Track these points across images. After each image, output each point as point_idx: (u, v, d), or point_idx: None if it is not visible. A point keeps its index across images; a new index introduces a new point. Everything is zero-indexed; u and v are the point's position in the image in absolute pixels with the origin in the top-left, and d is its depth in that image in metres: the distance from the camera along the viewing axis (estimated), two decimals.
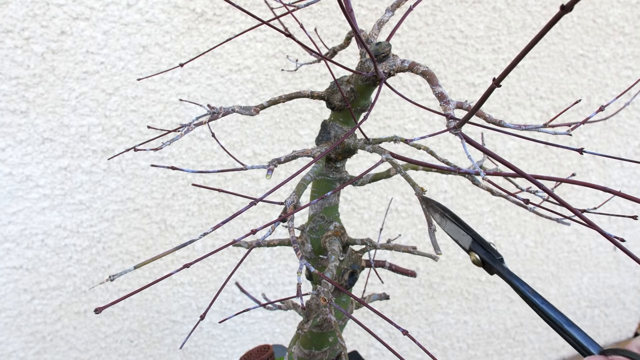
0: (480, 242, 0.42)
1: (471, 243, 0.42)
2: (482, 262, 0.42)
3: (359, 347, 1.42)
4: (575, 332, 0.36)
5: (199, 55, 0.65)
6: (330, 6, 1.06)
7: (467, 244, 0.43)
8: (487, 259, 0.41)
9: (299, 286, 0.41)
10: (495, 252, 0.42)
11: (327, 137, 0.57)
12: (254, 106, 0.53)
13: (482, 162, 0.68)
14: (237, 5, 0.41)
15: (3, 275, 1.06)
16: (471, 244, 0.42)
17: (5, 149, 0.98)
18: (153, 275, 1.15)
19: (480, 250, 0.42)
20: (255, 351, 0.74)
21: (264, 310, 1.28)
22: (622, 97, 1.33)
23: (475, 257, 0.42)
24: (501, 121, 0.45)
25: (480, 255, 0.42)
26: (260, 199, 0.41)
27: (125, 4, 0.95)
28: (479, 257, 0.42)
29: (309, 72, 1.10)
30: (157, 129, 0.65)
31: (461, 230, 0.43)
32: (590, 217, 1.34)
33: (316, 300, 0.60)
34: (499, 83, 0.32)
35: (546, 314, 0.37)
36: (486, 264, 0.42)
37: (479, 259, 0.42)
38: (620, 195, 0.39)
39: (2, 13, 0.90)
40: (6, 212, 1.02)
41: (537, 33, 0.27)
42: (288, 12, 0.47)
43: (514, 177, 0.52)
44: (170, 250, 0.38)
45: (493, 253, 0.41)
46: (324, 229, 0.60)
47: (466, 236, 0.43)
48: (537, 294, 0.38)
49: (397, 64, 0.49)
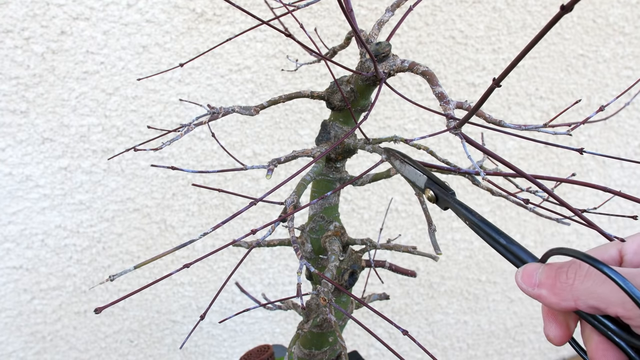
0: (435, 180, 0.45)
1: (426, 181, 0.46)
2: (436, 197, 0.45)
3: (359, 347, 1.42)
4: (516, 247, 0.39)
5: (199, 55, 0.65)
6: (330, 6, 1.06)
7: (422, 183, 0.46)
8: (440, 193, 0.44)
9: (299, 286, 0.41)
10: (447, 188, 0.45)
11: (327, 137, 0.57)
12: (254, 106, 0.53)
13: (482, 162, 0.68)
14: (237, 5, 0.41)
15: (3, 275, 1.06)
16: (426, 182, 0.46)
17: (5, 149, 0.98)
18: (153, 275, 1.15)
19: (435, 187, 0.45)
20: (255, 351, 0.74)
21: (264, 310, 1.29)
22: (622, 97, 1.33)
23: (430, 193, 0.45)
24: (501, 121, 0.45)
25: (434, 191, 0.45)
26: (260, 199, 0.41)
27: (125, 4, 0.95)
28: (434, 193, 0.45)
29: (309, 72, 1.10)
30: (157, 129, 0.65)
31: (418, 171, 0.46)
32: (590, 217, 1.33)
33: (316, 300, 0.60)
34: (499, 83, 0.32)
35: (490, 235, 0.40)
36: (439, 198, 0.45)
37: (433, 196, 0.45)
38: (620, 195, 0.39)
39: (2, 13, 0.90)
40: (6, 212, 1.02)
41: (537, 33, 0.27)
42: (288, 12, 0.47)
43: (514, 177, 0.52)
44: (170, 250, 0.38)
45: (446, 189, 0.45)
46: (324, 229, 0.61)
47: (422, 176, 0.46)
48: (483, 219, 0.41)
49: (397, 64, 0.49)
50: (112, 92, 1.00)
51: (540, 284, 0.35)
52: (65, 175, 1.03)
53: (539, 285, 0.36)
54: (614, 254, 0.37)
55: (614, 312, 0.32)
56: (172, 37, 0.99)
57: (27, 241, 1.05)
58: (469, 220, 0.42)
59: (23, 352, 1.13)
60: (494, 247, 0.40)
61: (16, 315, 1.10)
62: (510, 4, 1.19)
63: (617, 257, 0.37)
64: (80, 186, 1.05)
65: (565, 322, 0.37)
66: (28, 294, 1.09)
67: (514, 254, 0.39)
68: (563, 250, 0.34)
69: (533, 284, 0.36)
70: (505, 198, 0.55)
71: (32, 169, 1.01)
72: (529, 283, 0.36)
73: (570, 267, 0.34)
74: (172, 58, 1.00)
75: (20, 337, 1.12)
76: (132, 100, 1.01)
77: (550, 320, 0.37)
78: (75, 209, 1.06)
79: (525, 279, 0.36)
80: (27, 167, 1.00)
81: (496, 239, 0.40)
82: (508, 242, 0.39)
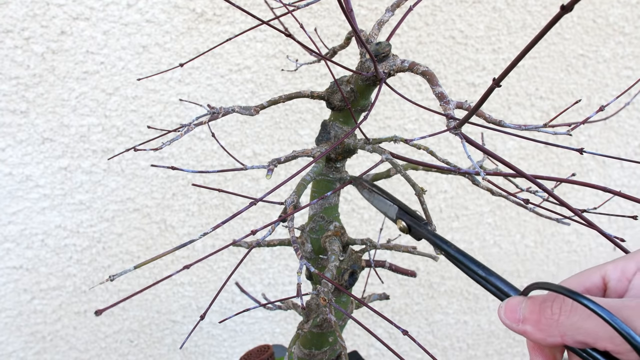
0: (406, 211, 0.44)
1: (397, 212, 0.44)
2: (409, 228, 0.43)
3: (359, 347, 1.42)
4: (497, 280, 0.37)
5: (199, 55, 0.65)
6: (330, 6, 1.06)
7: (393, 213, 0.45)
8: (412, 224, 0.43)
9: (299, 286, 0.41)
10: (420, 218, 0.43)
11: (327, 137, 0.57)
12: (254, 106, 0.53)
13: (482, 162, 0.68)
14: (237, 5, 0.41)
15: (3, 275, 1.06)
16: (397, 213, 0.44)
17: (5, 149, 0.98)
18: (153, 276, 1.15)
19: (406, 217, 0.44)
20: (255, 351, 0.74)
21: (264, 310, 1.28)
22: (622, 97, 1.33)
23: (402, 224, 0.44)
24: (501, 121, 0.45)
25: (406, 221, 0.43)
26: (260, 199, 0.41)
27: (125, 4, 0.95)
28: (406, 224, 0.43)
29: (309, 72, 1.10)
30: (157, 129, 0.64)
31: (388, 201, 0.45)
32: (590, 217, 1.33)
33: (316, 300, 0.60)
34: (499, 83, 0.32)
35: (468, 266, 0.39)
36: (412, 229, 0.43)
37: (405, 226, 0.44)
38: (620, 195, 0.39)
39: (2, 13, 0.90)
40: (6, 212, 1.02)
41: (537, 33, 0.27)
42: (288, 12, 0.47)
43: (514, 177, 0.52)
44: (170, 250, 0.38)
45: (418, 219, 0.43)
46: (324, 229, 0.60)
47: (392, 206, 0.45)
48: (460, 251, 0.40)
49: (397, 64, 0.49)
50: (112, 92, 1.00)
51: (524, 320, 0.34)
52: (65, 175, 1.03)
53: (523, 321, 0.34)
54: (596, 281, 0.35)
55: (602, 347, 0.31)
56: (172, 37, 0.99)
57: (27, 241, 1.05)
58: (445, 251, 0.41)
59: (23, 352, 1.13)
60: (473, 279, 0.38)
61: (16, 315, 1.10)
62: (510, 4, 1.19)
63: (600, 284, 0.35)
64: (80, 186, 1.05)
65: (552, 355, 0.36)
66: (28, 294, 1.09)
67: (494, 285, 0.37)
68: (545, 285, 0.33)
69: (517, 320, 0.34)
70: (505, 198, 0.55)
71: (32, 169, 1.01)
72: (512, 319, 0.35)
73: (554, 301, 0.33)
74: (172, 58, 1.00)
75: (20, 337, 1.12)
76: (132, 100, 1.01)
77: (537, 353, 0.36)
78: (75, 209, 1.06)
79: (508, 314, 0.35)
80: (27, 167, 1.00)
81: (474, 271, 0.38)
82: (487, 274, 0.38)
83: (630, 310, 0.30)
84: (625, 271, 0.34)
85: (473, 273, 0.38)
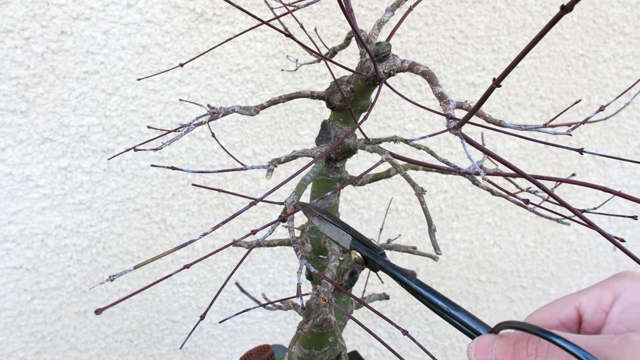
0: (361, 240, 0.41)
1: (351, 241, 0.41)
2: (365, 259, 0.40)
3: (359, 347, 1.42)
4: (463, 315, 0.35)
5: (199, 55, 0.65)
6: (330, 6, 1.06)
7: (347, 243, 0.41)
8: (368, 255, 0.40)
9: (299, 286, 0.41)
10: (376, 248, 0.40)
11: (327, 137, 0.57)
12: (254, 106, 0.53)
13: (482, 162, 0.68)
14: (237, 5, 0.41)
15: (3, 275, 1.06)
16: (351, 243, 0.41)
17: (5, 149, 0.98)
18: (153, 275, 1.15)
19: (361, 247, 0.40)
20: (255, 351, 0.74)
21: (264, 310, 1.28)
22: (622, 97, 1.33)
23: (356, 255, 0.40)
24: (501, 121, 0.45)
25: (361, 252, 0.40)
26: (260, 199, 0.41)
27: (125, 4, 0.95)
28: (361, 255, 0.40)
29: (309, 72, 1.10)
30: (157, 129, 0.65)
31: (341, 230, 0.42)
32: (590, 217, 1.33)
33: (316, 300, 0.60)
34: (499, 83, 0.32)
35: (431, 301, 0.36)
36: (368, 260, 0.40)
37: (360, 257, 0.40)
38: (620, 195, 0.39)
39: (2, 13, 0.90)
40: (6, 212, 1.02)
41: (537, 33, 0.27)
42: (288, 12, 0.47)
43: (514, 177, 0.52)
44: (170, 250, 0.38)
45: (374, 249, 0.40)
46: None
47: (346, 235, 0.41)
48: (422, 284, 0.37)
49: (397, 64, 0.49)
50: (112, 92, 1.00)
51: None
52: (65, 175, 1.03)
53: None
54: (571, 313, 0.33)
55: None
56: (172, 37, 0.99)
57: (27, 241, 1.05)
58: (404, 284, 0.37)
59: (23, 352, 1.13)
60: (437, 313, 0.36)
61: (16, 315, 1.10)
62: (510, 4, 1.19)
63: (574, 316, 0.33)
64: (80, 186, 1.05)
65: None
66: (28, 294, 1.09)
67: (460, 321, 0.35)
68: (517, 324, 0.30)
69: None
70: (505, 198, 0.55)
71: (32, 169, 1.01)
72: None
73: (529, 341, 0.31)
74: (172, 58, 1.00)
75: (20, 337, 1.12)
76: (132, 100, 1.01)
77: None
78: (75, 209, 1.06)
79: (479, 355, 0.32)
80: (27, 167, 1.00)
81: (439, 306, 0.35)
82: (452, 309, 0.35)
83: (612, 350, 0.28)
84: (600, 302, 0.33)
85: (437, 308, 0.36)
